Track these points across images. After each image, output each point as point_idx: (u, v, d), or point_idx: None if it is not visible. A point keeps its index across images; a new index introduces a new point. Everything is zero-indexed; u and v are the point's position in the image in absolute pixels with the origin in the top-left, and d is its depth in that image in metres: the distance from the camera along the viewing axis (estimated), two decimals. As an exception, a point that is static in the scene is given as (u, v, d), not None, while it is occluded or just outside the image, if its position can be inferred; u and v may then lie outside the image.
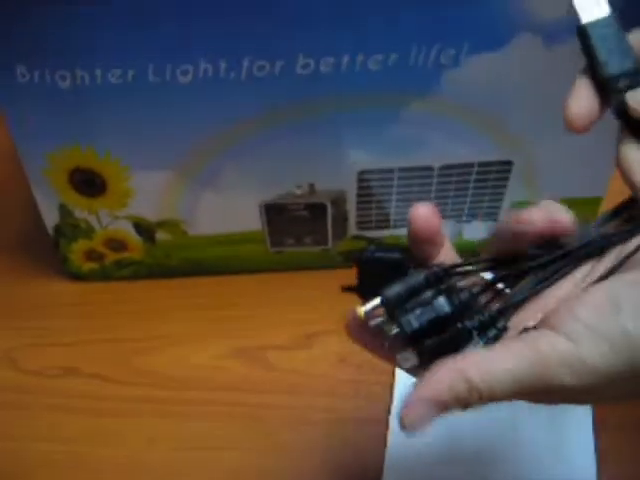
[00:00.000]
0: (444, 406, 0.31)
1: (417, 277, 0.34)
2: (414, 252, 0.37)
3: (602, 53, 0.39)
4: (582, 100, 0.38)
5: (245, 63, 0.48)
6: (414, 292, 0.34)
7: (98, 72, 0.49)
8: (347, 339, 0.56)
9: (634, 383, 0.32)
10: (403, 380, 0.54)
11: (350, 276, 0.61)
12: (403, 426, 0.32)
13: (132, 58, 0.48)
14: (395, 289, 0.34)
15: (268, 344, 0.59)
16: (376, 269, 0.37)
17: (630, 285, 0.32)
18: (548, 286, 0.36)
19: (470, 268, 0.37)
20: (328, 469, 0.51)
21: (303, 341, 0.59)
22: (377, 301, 0.34)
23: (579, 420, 0.53)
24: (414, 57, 0.48)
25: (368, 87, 0.50)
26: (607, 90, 0.38)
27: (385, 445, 0.51)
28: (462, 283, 0.36)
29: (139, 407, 0.56)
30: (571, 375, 0.31)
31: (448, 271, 0.35)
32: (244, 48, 0.48)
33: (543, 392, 0.32)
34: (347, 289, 0.38)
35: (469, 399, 0.32)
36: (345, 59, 0.48)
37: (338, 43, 0.47)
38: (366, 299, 0.34)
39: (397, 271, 0.35)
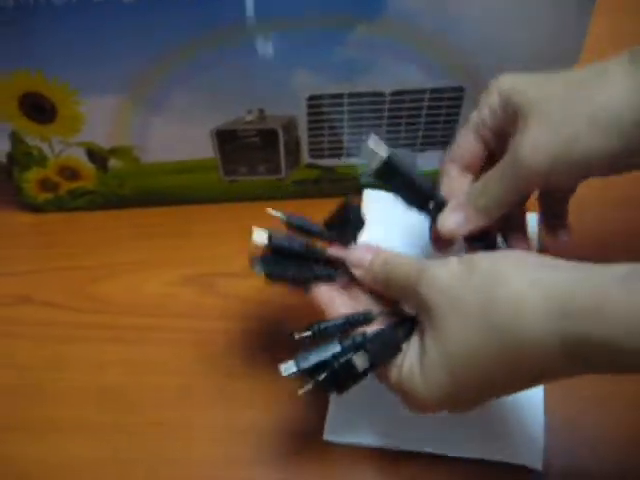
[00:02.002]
0: None
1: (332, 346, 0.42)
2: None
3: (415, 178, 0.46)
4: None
5: (187, -20, 0.48)
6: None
7: (42, -9, 0.48)
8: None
9: None
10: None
11: (302, 207, 0.62)
12: None
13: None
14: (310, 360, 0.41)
15: (219, 272, 0.59)
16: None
17: None
18: None
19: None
20: (276, 391, 0.52)
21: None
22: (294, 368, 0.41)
23: None
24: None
25: (311, 7, 0.49)
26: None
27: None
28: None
29: (91, 333, 0.56)
30: None
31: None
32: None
33: None
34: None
35: None
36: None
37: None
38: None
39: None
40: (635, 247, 0.58)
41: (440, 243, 0.47)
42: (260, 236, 0.46)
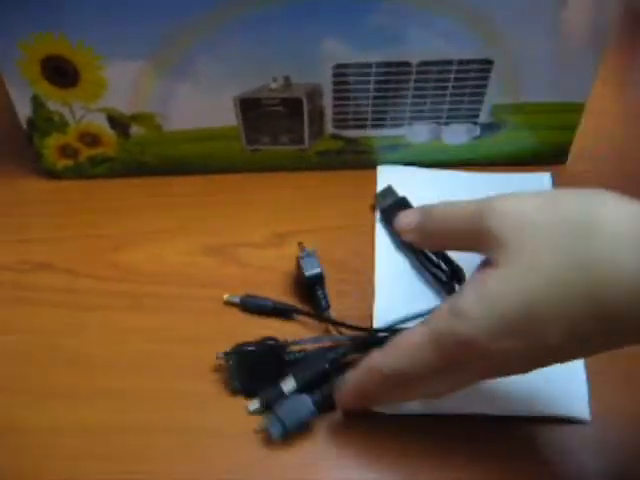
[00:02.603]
0: None
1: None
2: None
3: None
4: None
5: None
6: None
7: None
8: (319, 238, 0.57)
9: None
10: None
11: (324, 178, 0.62)
12: None
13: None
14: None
15: (240, 242, 0.59)
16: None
17: None
18: None
19: None
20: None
21: (275, 239, 0.58)
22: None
23: None
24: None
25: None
26: None
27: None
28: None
29: (111, 301, 0.56)
30: None
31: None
32: None
33: None
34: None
35: None
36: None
37: None
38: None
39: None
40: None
41: None
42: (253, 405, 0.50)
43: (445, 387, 0.42)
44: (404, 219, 0.45)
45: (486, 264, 0.39)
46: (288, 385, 0.48)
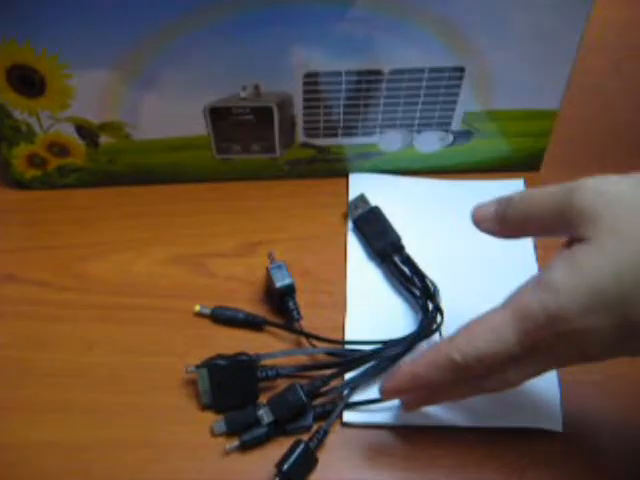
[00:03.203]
0: None
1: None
2: None
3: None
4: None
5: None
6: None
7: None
8: (291, 248, 0.57)
9: None
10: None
11: (295, 187, 0.61)
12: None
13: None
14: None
15: (210, 252, 0.58)
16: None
17: None
18: None
19: None
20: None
21: (246, 249, 0.58)
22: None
23: None
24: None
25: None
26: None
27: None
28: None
29: (78, 312, 0.55)
30: None
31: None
32: None
33: None
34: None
35: None
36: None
37: None
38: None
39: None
40: None
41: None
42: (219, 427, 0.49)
43: (518, 376, 0.42)
44: (481, 209, 0.44)
45: (574, 242, 0.39)
46: (265, 418, 0.48)
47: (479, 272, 0.55)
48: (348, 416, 0.49)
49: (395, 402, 0.48)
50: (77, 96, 0.55)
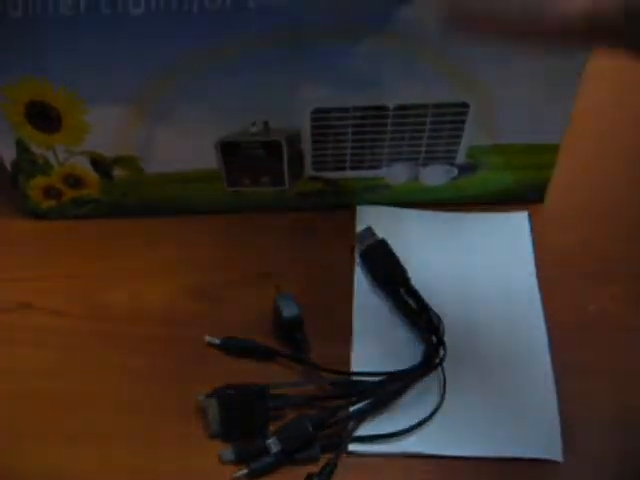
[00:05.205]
0: None
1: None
2: None
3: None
4: None
5: (196, -6, 0.48)
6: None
7: (50, 1, 0.49)
8: (297, 280, 0.58)
9: None
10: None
11: (304, 218, 0.62)
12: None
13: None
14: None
15: (221, 282, 0.59)
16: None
17: None
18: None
19: None
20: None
21: (256, 280, 0.59)
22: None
23: None
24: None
25: (321, 20, 0.49)
26: None
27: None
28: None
29: (92, 341, 0.56)
30: None
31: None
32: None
33: None
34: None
35: None
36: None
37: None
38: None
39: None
40: None
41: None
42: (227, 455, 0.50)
43: None
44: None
45: None
46: (273, 448, 0.48)
47: (483, 305, 0.56)
48: (354, 447, 0.50)
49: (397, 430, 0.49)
50: (92, 131, 0.57)
